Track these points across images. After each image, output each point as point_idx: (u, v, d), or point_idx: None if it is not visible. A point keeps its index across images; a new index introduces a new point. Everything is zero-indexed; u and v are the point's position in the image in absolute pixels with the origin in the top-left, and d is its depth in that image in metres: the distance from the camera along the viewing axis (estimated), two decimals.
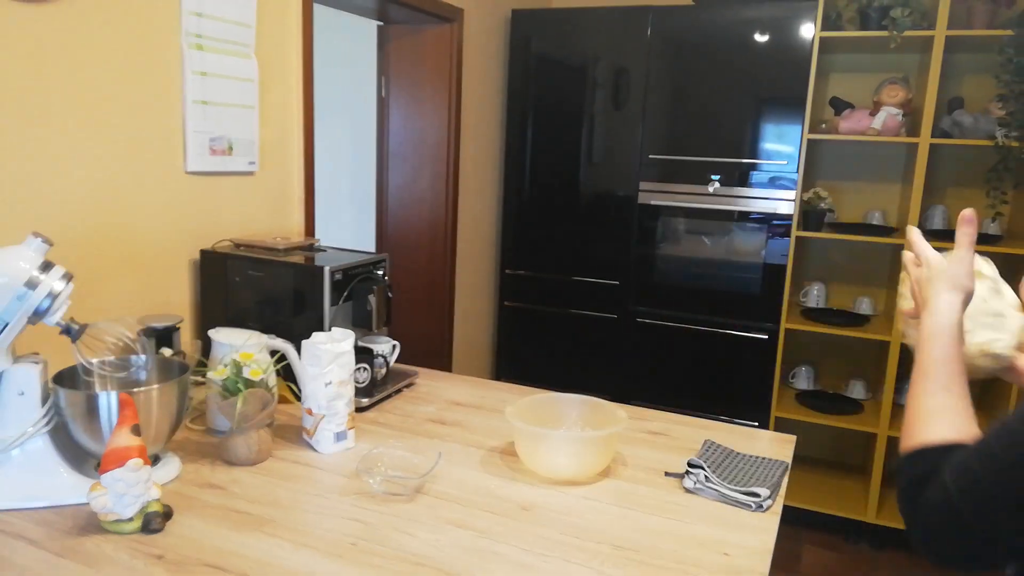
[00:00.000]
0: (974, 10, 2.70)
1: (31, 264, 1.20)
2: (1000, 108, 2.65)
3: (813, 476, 3.26)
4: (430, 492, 1.31)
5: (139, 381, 1.38)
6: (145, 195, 1.75)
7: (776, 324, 2.97)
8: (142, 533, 1.14)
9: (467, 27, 3.01)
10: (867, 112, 2.89)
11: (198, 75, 1.83)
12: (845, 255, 3.27)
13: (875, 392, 3.18)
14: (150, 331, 1.63)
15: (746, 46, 2.89)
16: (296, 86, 2.17)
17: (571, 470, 1.36)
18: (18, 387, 1.22)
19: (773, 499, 1.32)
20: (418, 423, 1.63)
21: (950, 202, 3.08)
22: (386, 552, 1.11)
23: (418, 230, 3.12)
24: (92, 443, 1.24)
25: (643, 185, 3.10)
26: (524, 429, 1.36)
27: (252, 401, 1.36)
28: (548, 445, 1.36)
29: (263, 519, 1.19)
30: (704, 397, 3.10)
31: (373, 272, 1.82)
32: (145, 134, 1.73)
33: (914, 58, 3.05)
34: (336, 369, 1.43)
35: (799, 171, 2.87)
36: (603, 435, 1.36)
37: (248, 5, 1.96)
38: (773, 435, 1.65)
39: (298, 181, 2.22)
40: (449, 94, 2.97)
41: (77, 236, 1.61)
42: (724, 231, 3.01)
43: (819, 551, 2.99)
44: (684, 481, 1.36)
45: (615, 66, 3.10)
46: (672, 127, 3.05)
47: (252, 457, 1.38)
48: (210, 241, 1.91)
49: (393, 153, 3.11)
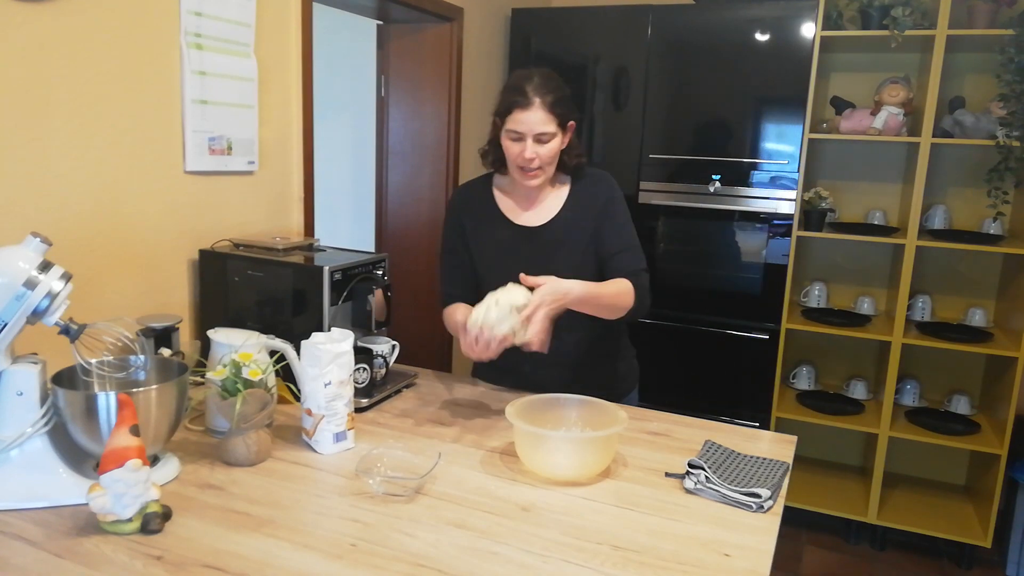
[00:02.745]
0: (975, 9, 2.70)
1: (30, 264, 1.20)
2: (1001, 108, 2.65)
3: (814, 476, 3.26)
4: (430, 493, 1.30)
5: (138, 381, 1.38)
6: (144, 195, 1.75)
7: (777, 324, 2.97)
8: (141, 534, 1.13)
9: (467, 26, 3.01)
10: (868, 112, 2.89)
11: (197, 74, 1.82)
12: (846, 255, 3.27)
13: (876, 392, 3.18)
14: (149, 331, 1.63)
15: (747, 45, 2.89)
16: (296, 85, 2.17)
17: (571, 471, 1.36)
18: (17, 387, 1.21)
19: (774, 500, 1.31)
20: (418, 423, 1.63)
21: (951, 202, 3.08)
22: (386, 553, 1.11)
23: (418, 230, 3.12)
24: (91, 443, 1.24)
25: (643, 185, 3.10)
26: (524, 429, 1.36)
27: (251, 401, 1.35)
28: (548, 445, 1.36)
29: (262, 520, 1.19)
30: (705, 397, 3.10)
31: (373, 272, 1.81)
32: (144, 134, 1.73)
33: (915, 57, 3.04)
34: (335, 369, 1.43)
35: (800, 171, 2.87)
36: (603, 435, 1.35)
37: (248, 4, 1.95)
38: (774, 435, 1.65)
39: (297, 181, 2.22)
40: (449, 93, 2.96)
41: (76, 236, 1.60)
42: (725, 231, 3.00)
43: (820, 551, 2.99)
44: (685, 482, 1.36)
45: (615, 65, 3.10)
46: (672, 127, 3.05)
47: (251, 458, 1.38)
48: (209, 241, 1.91)
49: (393, 152, 3.11)
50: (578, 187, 1.78)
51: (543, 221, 1.76)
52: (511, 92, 1.64)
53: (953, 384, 3.17)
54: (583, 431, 1.47)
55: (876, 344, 3.21)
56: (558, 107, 1.63)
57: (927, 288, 3.14)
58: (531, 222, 1.77)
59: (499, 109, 1.67)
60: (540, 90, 1.61)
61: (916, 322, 3.07)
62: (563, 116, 1.65)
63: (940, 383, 3.19)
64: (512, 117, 1.63)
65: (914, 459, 3.27)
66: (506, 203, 1.80)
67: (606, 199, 1.76)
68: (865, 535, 3.05)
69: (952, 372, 3.17)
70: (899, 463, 3.26)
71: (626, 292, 1.67)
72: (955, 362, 3.15)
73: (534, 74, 1.65)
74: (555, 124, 1.63)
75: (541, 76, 1.65)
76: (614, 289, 1.66)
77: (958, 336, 2.86)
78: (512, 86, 1.65)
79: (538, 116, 1.61)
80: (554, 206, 1.77)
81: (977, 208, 3.00)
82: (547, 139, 1.64)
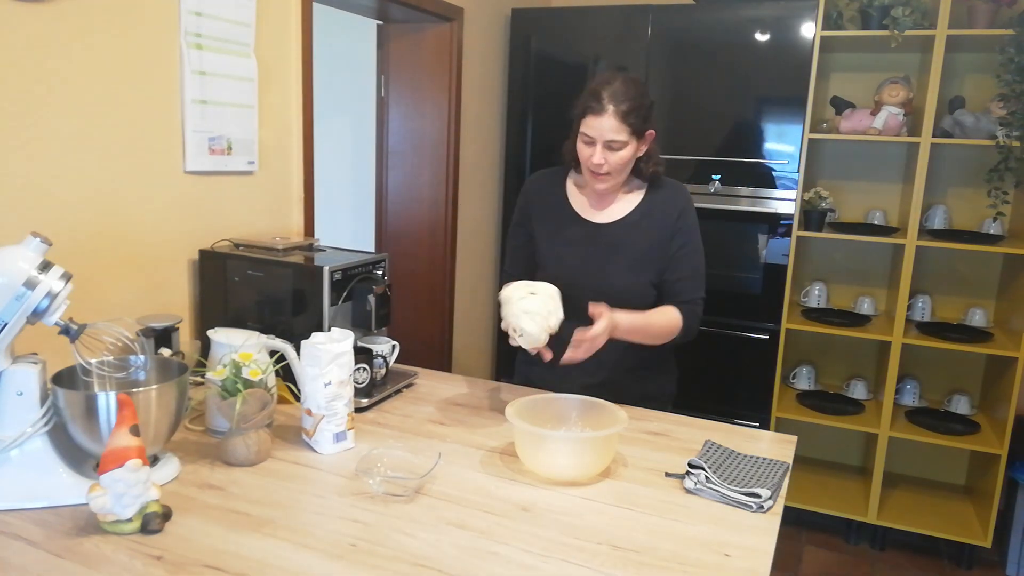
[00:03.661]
0: (975, 9, 2.70)
1: (30, 264, 1.20)
2: (1001, 108, 2.65)
3: (814, 476, 3.26)
4: (430, 493, 1.30)
5: (138, 381, 1.38)
6: (144, 195, 1.74)
7: (777, 324, 2.97)
8: (141, 534, 1.13)
9: (467, 26, 3.01)
10: (868, 112, 2.88)
11: (197, 74, 1.82)
12: (846, 255, 3.27)
13: (876, 392, 3.18)
14: (149, 331, 1.63)
15: (746, 45, 2.89)
16: (296, 85, 2.17)
17: (571, 471, 1.36)
18: (17, 387, 1.21)
19: (774, 500, 1.31)
20: (418, 423, 1.63)
21: (951, 202, 3.08)
22: (386, 553, 1.11)
23: (418, 230, 3.11)
24: (91, 443, 1.24)
25: None
26: (524, 429, 1.36)
27: (251, 401, 1.35)
28: (548, 446, 1.36)
29: (262, 520, 1.19)
30: (705, 397, 3.09)
31: (373, 272, 1.81)
32: (144, 133, 1.73)
33: (915, 57, 3.04)
34: (335, 369, 1.43)
35: (800, 171, 2.87)
36: (603, 435, 1.35)
37: (247, 4, 1.95)
38: (774, 435, 1.65)
39: (297, 181, 2.21)
40: (449, 93, 2.96)
41: (76, 236, 1.60)
42: (724, 231, 3.00)
43: (820, 552, 2.99)
44: (684, 482, 1.36)
45: (615, 65, 3.10)
46: (672, 126, 3.05)
47: (251, 458, 1.38)
48: (209, 241, 1.91)
49: (393, 152, 3.11)
50: (652, 195, 1.77)
51: (610, 220, 1.77)
52: (589, 96, 1.63)
53: (953, 384, 3.17)
54: (583, 431, 1.47)
55: (876, 344, 3.21)
56: (632, 116, 1.60)
57: (927, 288, 3.14)
58: (597, 219, 1.78)
59: (576, 110, 1.67)
60: (616, 97, 1.60)
61: (916, 322, 3.07)
62: (638, 125, 1.62)
63: (940, 383, 3.19)
64: (586, 121, 1.63)
65: (914, 459, 3.27)
66: (577, 197, 1.81)
67: (679, 212, 1.75)
68: (865, 535, 3.05)
69: (952, 372, 3.17)
70: (899, 463, 3.26)
71: (674, 323, 1.70)
72: (955, 362, 3.15)
73: (616, 79, 1.63)
74: (627, 133, 1.61)
75: (622, 83, 1.62)
76: (663, 320, 1.69)
77: (958, 336, 2.86)
78: (591, 90, 1.63)
79: (610, 123, 1.60)
80: (624, 208, 1.77)
81: (977, 208, 3.00)
82: (618, 147, 1.62)
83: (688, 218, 1.76)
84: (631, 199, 1.77)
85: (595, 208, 1.79)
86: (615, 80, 1.63)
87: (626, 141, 1.62)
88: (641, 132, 1.65)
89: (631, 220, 1.75)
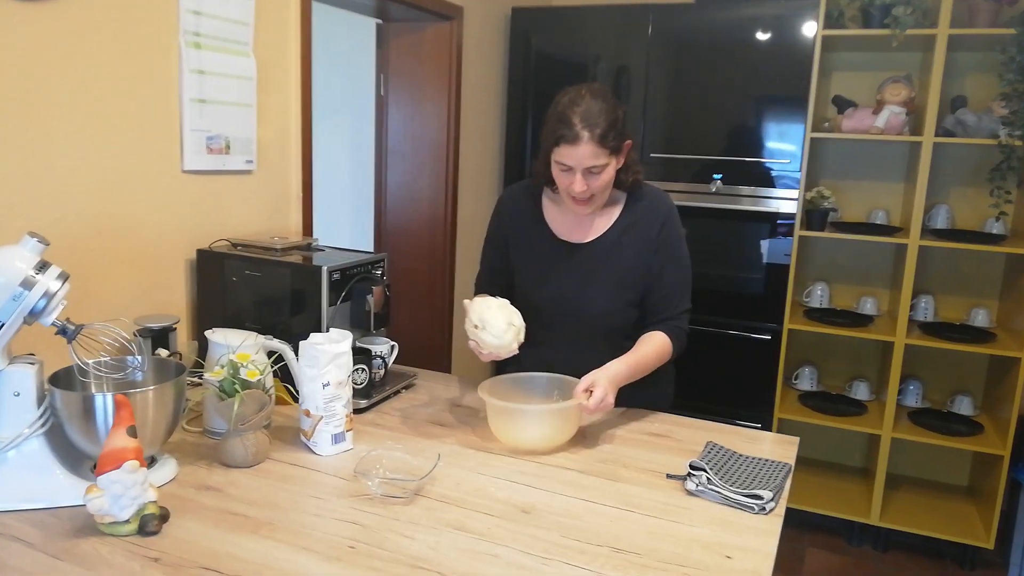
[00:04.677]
0: (976, 8, 2.69)
1: (27, 264, 1.19)
2: (1003, 107, 2.64)
3: (816, 478, 3.25)
4: (429, 494, 1.30)
5: (135, 382, 1.37)
6: (142, 194, 1.74)
7: (779, 324, 2.96)
8: (138, 535, 1.13)
9: (467, 25, 3.00)
10: (870, 111, 2.88)
11: (196, 73, 1.82)
12: (848, 255, 3.26)
13: (878, 393, 3.17)
14: (146, 332, 1.62)
15: (748, 44, 2.88)
16: (294, 84, 2.16)
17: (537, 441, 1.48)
18: (14, 388, 1.21)
19: (776, 501, 1.30)
20: (417, 424, 1.62)
21: (953, 201, 3.07)
22: (384, 555, 1.10)
23: (417, 229, 3.11)
24: (88, 444, 1.23)
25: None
26: (492, 403, 1.48)
27: (249, 402, 1.35)
28: (516, 418, 1.48)
29: (260, 521, 1.18)
30: (706, 398, 3.08)
31: (372, 272, 1.80)
32: (142, 132, 1.72)
33: (917, 56, 3.03)
34: (334, 370, 1.42)
35: (802, 170, 2.86)
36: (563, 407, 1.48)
37: (247, 3, 1.95)
38: (776, 437, 1.64)
39: (296, 180, 2.21)
40: (449, 92, 2.95)
41: (73, 236, 1.60)
42: (726, 231, 2.99)
43: (822, 553, 2.98)
44: (686, 483, 1.35)
45: (616, 64, 3.09)
46: (673, 126, 3.04)
47: (249, 459, 1.37)
48: (207, 241, 1.90)
49: (392, 152, 3.10)
50: (633, 206, 1.68)
51: (589, 239, 1.68)
52: (558, 123, 1.50)
53: (956, 385, 3.16)
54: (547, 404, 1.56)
55: (879, 344, 3.20)
56: (609, 137, 1.49)
57: (930, 288, 3.13)
58: (576, 238, 1.69)
59: (546, 137, 1.55)
60: (588, 120, 1.48)
61: (919, 322, 3.06)
62: (616, 144, 1.52)
63: (943, 384, 3.18)
64: (559, 151, 1.51)
65: (917, 460, 3.26)
66: (554, 216, 1.72)
67: (661, 224, 1.66)
68: (868, 537, 3.04)
69: (955, 373, 3.16)
70: (902, 464, 3.25)
71: (664, 349, 1.66)
72: (958, 363, 3.14)
73: (582, 98, 1.50)
74: (607, 155, 1.51)
75: (591, 99, 1.50)
76: (653, 351, 1.64)
77: (961, 336, 2.85)
78: (559, 115, 1.51)
79: (588, 150, 1.48)
80: (603, 225, 1.68)
81: (980, 208, 2.99)
82: (598, 171, 1.52)
83: (670, 228, 1.67)
84: (611, 213, 1.68)
85: (573, 227, 1.70)
86: (581, 99, 1.50)
87: (606, 163, 1.52)
88: (619, 149, 1.55)
89: (611, 238, 1.67)
